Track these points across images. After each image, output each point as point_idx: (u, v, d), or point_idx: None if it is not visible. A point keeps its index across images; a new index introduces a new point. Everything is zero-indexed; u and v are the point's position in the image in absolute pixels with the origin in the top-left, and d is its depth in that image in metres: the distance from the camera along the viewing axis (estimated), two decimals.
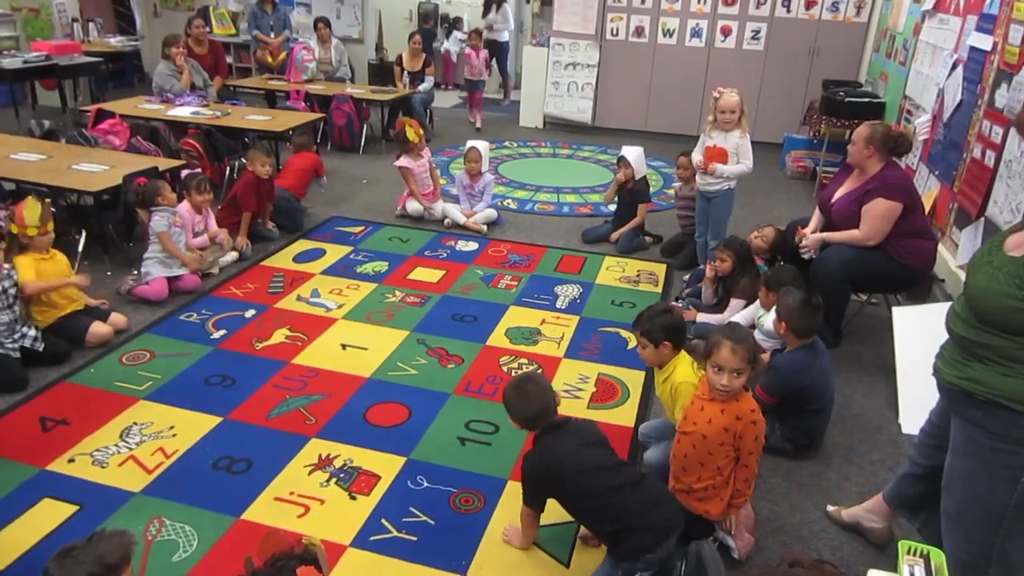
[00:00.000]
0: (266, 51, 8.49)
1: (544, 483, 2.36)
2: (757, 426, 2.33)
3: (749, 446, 2.34)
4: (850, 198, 3.86)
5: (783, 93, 8.25)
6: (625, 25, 8.54)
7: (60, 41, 8.47)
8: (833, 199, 3.98)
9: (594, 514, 2.34)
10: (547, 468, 2.33)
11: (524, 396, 2.37)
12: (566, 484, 2.31)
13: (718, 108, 4.39)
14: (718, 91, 4.43)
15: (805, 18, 8.06)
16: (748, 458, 2.37)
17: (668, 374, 2.69)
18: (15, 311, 3.44)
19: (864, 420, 3.42)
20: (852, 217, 3.82)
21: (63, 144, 5.37)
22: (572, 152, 8.11)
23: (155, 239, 4.25)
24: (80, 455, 2.93)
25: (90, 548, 1.78)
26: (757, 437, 2.34)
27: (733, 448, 2.35)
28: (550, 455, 2.34)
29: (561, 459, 2.31)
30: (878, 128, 3.74)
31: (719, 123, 4.42)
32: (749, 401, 2.36)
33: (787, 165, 7.59)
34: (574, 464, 2.30)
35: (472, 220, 5.49)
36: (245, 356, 3.68)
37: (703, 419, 2.37)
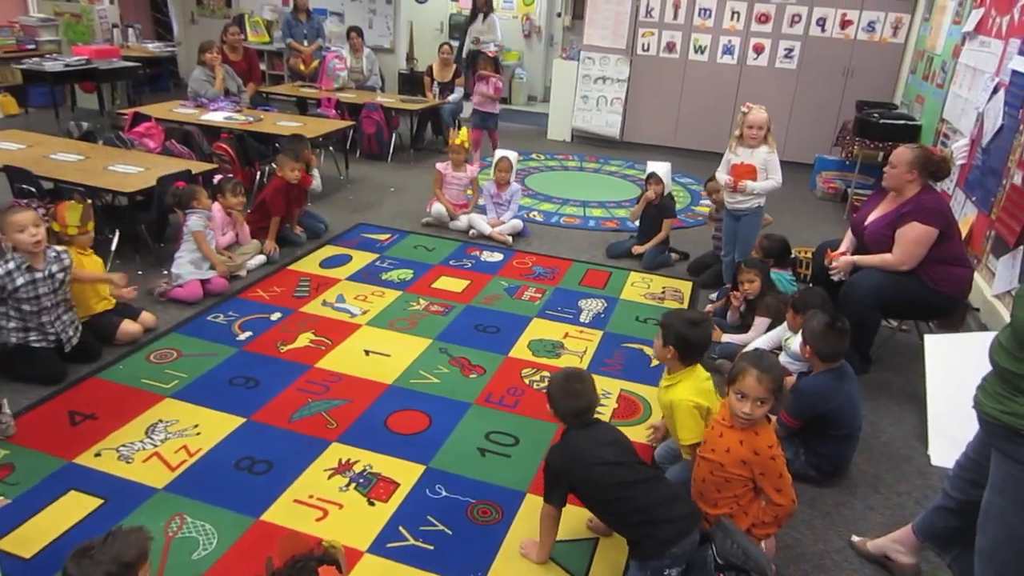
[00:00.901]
0: (299, 59, 8.60)
1: (563, 474, 2.36)
2: (777, 462, 2.30)
3: (774, 482, 2.31)
4: (884, 221, 3.81)
5: (815, 113, 8.20)
6: (656, 40, 8.55)
7: (100, 46, 8.65)
8: (866, 222, 3.93)
9: (612, 506, 2.34)
10: (568, 458, 2.35)
11: (573, 395, 2.39)
12: (584, 474, 2.33)
13: (746, 123, 4.36)
14: (747, 106, 4.41)
15: (840, 38, 8.01)
16: (776, 495, 2.33)
17: (671, 383, 2.67)
18: (63, 296, 3.44)
19: (892, 450, 3.35)
20: (885, 241, 3.77)
21: (100, 145, 5.47)
22: (599, 166, 8.11)
23: (189, 239, 4.32)
24: (106, 449, 2.97)
25: (107, 547, 1.80)
26: (781, 474, 2.31)
27: (751, 479, 2.33)
28: (572, 447, 2.37)
29: (582, 450, 2.34)
30: (921, 152, 3.68)
31: (745, 139, 4.39)
32: (768, 436, 2.33)
33: (817, 186, 7.53)
34: (593, 456, 2.33)
35: (498, 231, 5.51)
36: (269, 358, 3.72)
37: (721, 447, 2.36)
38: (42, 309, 3.35)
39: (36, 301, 3.31)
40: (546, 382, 3.58)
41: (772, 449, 2.31)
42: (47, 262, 3.33)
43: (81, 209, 3.57)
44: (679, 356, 2.62)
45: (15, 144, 5.25)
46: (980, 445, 2.19)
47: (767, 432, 2.34)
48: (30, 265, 3.27)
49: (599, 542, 2.63)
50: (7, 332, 3.34)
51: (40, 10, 9.19)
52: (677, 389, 2.63)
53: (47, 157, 4.95)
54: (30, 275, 3.27)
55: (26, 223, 3.21)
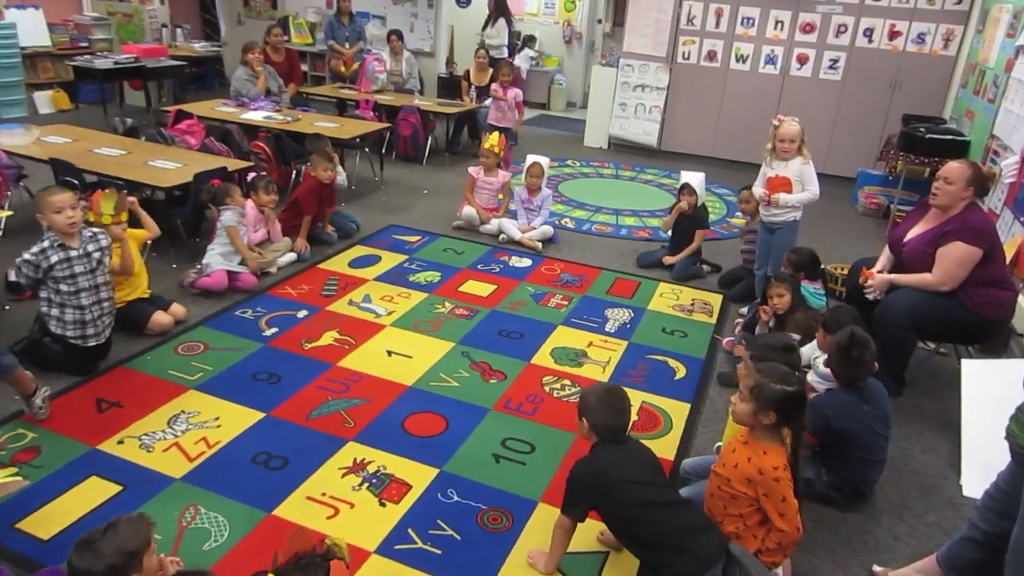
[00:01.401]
0: (340, 61, 8.71)
1: (589, 489, 2.30)
2: (781, 484, 2.22)
3: (777, 506, 2.24)
4: (924, 239, 3.69)
5: (859, 126, 8.03)
6: (697, 49, 8.47)
7: (149, 45, 8.87)
8: (905, 239, 3.81)
9: (634, 527, 2.29)
10: (596, 472, 2.31)
11: (615, 410, 2.36)
12: (610, 491, 2.28)
13: (777, 136, 4.29)
14: (778, 119, 4.34)
15: (888, 49, 7.83)
16: (778, 520, 2.24)
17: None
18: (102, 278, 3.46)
19: (921, 477, 3.24)
20: (925, 259, 3.65)
21: (142, 141, 5.60)
22: (635, 174, 8.05)
23: (221, 233, 4.40)
24: (129, 438, 3.03)
25: (109, 539, 1.81)
26: (785, 497, 2.23)
27: (756, 500, 2.27)
28: (601, 462, 2.33)
29: (610, 466, 2.30)
30: (975, 168, 3.55)
31: (777, 152, 4.33)
32: (776, 457, 2.25)
33: (859, 201, 7.36)
34: (621, 473, 2.29)
35: (527, 236, 5.49)
36: (293, 355, 3.75)
37: (731, 462, 2.31)
38: (80, 290, 3.37)
39: (72, 281, 3.34)
40: (566, 390, 3.60)
41: (777, 471, 2.23)
42: (82, 241, 3.38)
43: (116, 198, 3.65)
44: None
45: (62, 138, 5.40)
46: (1012, 476, 2.10)
47: (776, 454, 2.26)
48: (63, 243, 3.32)
49: (609, 556, 2.59)
50: (49, 319, 3.40)
51: (94, 9, 9.45)
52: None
53: (91, 151, 5.08)
54: (64, 253, 3.31)
55: (64, 204, 3.26)
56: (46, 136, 5.36)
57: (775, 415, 2.23)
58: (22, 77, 8.23)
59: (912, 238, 3.75)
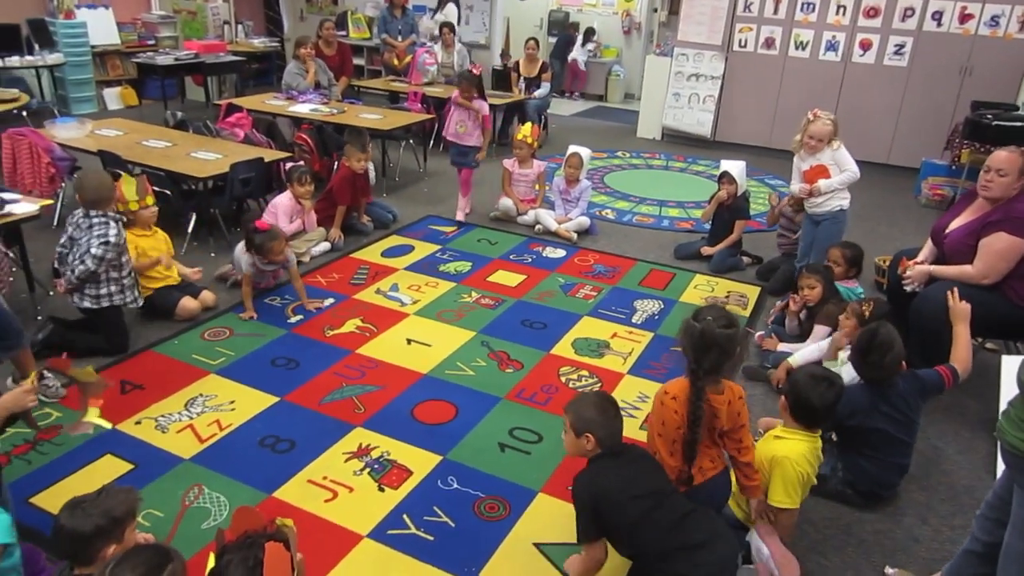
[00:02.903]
0: (392, 54, 8.79)
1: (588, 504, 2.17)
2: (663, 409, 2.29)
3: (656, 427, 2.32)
4: (967, 229, 3.47)
5: (925, 114, 7.63)
6: (754, 36, 8.20)
7: (209, 41, 9.15)
8: (948, 229, 3.60)
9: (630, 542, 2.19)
10: (595, 494, 2.16)
11: (616, 418, 2.23)
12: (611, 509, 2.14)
13: (807, 132, 4.14)
14: (814, 114, 4.18)
15: (958, 33, 7.41)
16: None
17: (782, 436, 2.46)
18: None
19: (952, 479, 3.05)
20: (967, 251, 3.44)
21: (190, 134, 5.77)
22: (686, 166, 7.87)
23: None
24: (146, 418, 3.13)
25: (99, 502, 1.88)
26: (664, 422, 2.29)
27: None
28: (603, 481, 2.17)
29: (612, 484, 2.16)
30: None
31: (805, 147, 4.16)
32: (672, 386, 2.31)
33: (922, 192, 7.00)
34: (624, 491, 2.15)
35: (564, 227, 5.42)
36: (314, 342, 3.80)
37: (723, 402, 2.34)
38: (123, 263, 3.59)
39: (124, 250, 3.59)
40: (583, 381, 3.53)
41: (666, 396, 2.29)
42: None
43: (136, 182, 3.76)
44: (790, 409, 2.44)
45: (115, 131, 5.62)
46: (1007, 480, 1.95)
47: (678, 385, 2.31)
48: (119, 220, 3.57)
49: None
50: (111, 296, 3.56)
51: (161, 8, 9.81)
52: (789, 445, 2.40)
53: (139, 143, 5.27)
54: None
55: None
56: (99, 129, 5.59)
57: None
58: (93, 74, 8.62)
59: (955, 229, 3.54)
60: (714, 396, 2.27)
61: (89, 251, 3.43)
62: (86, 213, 3.49)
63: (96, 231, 3.44)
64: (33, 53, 7.82)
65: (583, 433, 2.19)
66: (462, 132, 5.56)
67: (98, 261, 3.44)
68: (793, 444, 2.40)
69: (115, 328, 3.64)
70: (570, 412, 2.25)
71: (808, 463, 2.38)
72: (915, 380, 2.79)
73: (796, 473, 2.34)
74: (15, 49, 7.65)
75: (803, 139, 4.15)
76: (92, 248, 3.43)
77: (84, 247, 3.45)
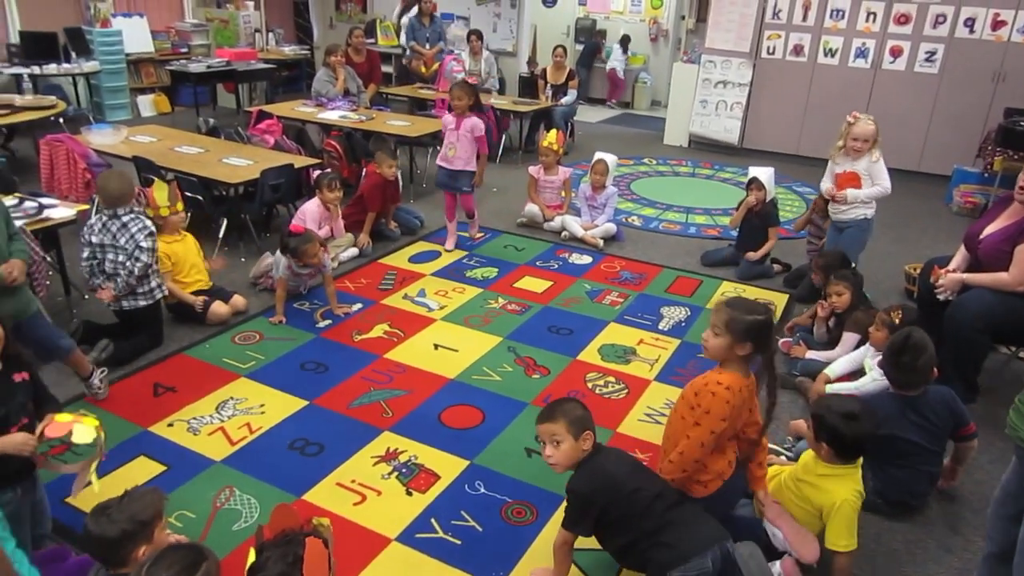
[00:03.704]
0: (420, 61, 8.86)
1: (594, 502, 2.22)
2: (715, 399, 2.22)
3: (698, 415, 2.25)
4: (1003, 235, 3.43)
5: (957, 121, 7.53)
6: (783, 43, 8.15)
7: (241, 49, 9.30)
8: (982, 236, 3.56)
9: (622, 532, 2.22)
10: (603, 487, 2.22)
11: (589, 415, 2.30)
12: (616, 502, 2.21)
13: (850, 135, 4.11)
14: (854, 116, 4.14)
15: (991, 39, 7.31)
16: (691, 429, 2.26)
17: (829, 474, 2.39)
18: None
19: (985, 489, 2.98)
20: (1002, 257, 3.39)
21: (221, 140, 5.87)
22: (713, 172, 7.83)
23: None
24: (178, 421, 3.18)
25: (124, 506, 1.90)
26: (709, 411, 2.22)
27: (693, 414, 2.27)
28: (607, 474, 2.24)
29: (614, 477, 2.24)
30: None
31: (848, 150, 4.12)
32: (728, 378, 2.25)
33: (954, 199, 6.91)
34: (627, 483, 2.23)
35: (590, 234, 5.42)
36: (342, 346, 3.84)
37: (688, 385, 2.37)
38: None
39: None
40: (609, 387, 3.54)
41: (719, 387, 2.23)
42: None
43: (167, 188, 3.83)
44: (834, 454, 2.37)
45: (148, 137, 5.73)
46: (1015, 476, 1.93)
47: (730, 377, 2.26)
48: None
49: None
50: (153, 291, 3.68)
51: (194, 16, 9.99)
52: (843, 486, 2.35)
53: (172, 149, 5.37)
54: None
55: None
56: (134, 136, 5.69)
57: (751, 345, 2.25)
58: (127, 82, 8.79)
59: (989, 235, 3.49)
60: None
61: (139, 246, 3.52)
62: (113, 214, 3.54)
63: (134, 227, 3.52)
64: (70, 61, 8.00)
65: (582, 432, 2.24)
66: (451, 155, 4.96)
67: (151, 253, 3.55)
68: (844, 483, 2.35)
69: (158, 321, 3.76)
70: (560, 417, 2.24)
71: (860, 495, 2.37)
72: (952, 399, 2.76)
73: (854, 512, 2.32)
74: (53, 57, 7.83)
75: (846, 143, 4.11)
76: (141, 243, 3.52)
77: (130, 246, 3.52)
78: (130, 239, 3.50)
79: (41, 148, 5.09)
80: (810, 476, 2.43)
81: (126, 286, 3.57)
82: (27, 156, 6.80)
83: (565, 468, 2.27)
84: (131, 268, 3.53)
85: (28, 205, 3.88)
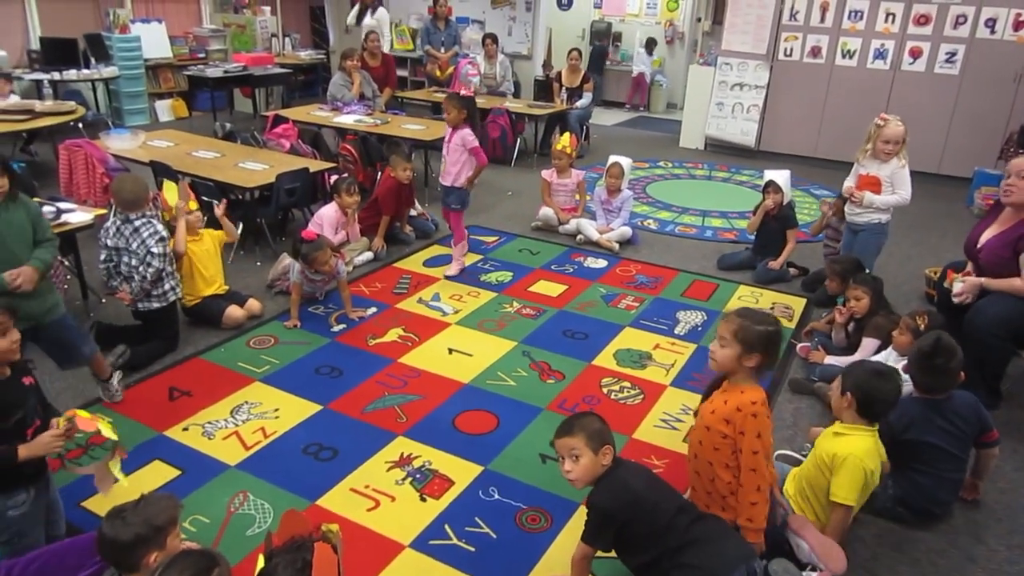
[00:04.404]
0: (435, 65, 8.87)
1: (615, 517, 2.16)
2: (758, 420, 2.19)
3: (752, 443, 2.19)
4: (1001, 241, 3.40)
5: (978, 123, 7.44)
6: (800, 45, 8.09)
7: (257, 53, 9.35)
8: (980, 243, 3.52)
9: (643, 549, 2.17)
10: (627, 501, 2.16)
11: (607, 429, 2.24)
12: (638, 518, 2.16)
13: (880, 137, 4.05)
14: (882, 118, 4.08)
15: (1012, 40, 7.22)
16: (751, 459, 2.20)
17: (843, 432, 2.45)
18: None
19: (1011, 497, 2.95)
20: (1005, 263, 3.36)
21: (238, 145, 5.89)
22: (729, 175, 7.78)
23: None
24: (193, 425, 3.18)
25: (139, 510, 1.89)
26: (760, 434, 2.20)
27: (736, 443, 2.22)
28: (631, 489, 2.18)
29: (640, 492, 2.18)
30: None
31: (877, 152, 4.07)
32: (754, 393, 2.23)
33: (975, 202, 6.81)
34: (650, 498, 2.18)
35: (605, 238, 5.40)
36: (357, 350, 3.83)
37: (707, 410, 2.29)
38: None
39: None
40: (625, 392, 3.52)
41: (755, 406, 2.21)
42: None
43: (177, 188, 3.84)
44: (858, 407, 2.43)
45: (166, 142, 5.76)
46: None
47: (753, 390, 2.25)
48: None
49: None
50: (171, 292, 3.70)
51: (212, 22, 10.06)
52: (852, 441, 2.41)
53: (189, 154, 5.40)
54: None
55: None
56: (152, 140, 5.73)
57: (759, 356, 2.23)
58: (145, 87, 8.86)
59: (988, 241, 3.46)
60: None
61: (151, 251, 3.53)
62: (126, 219, 3.56)
63: (145, 232, 3.53)
64: (90, 67, 8.08)
65: (602, 447, 2.19)
66: (442, 171, 4.71)
67: (162, 258, 3.56)
68: (858, 440, 2.40)
69: (174, 323, 3.78)
70: (579, 431, 2.20)
71: (872, 459, 2.38)
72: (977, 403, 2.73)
73: (863, 470, 2.33)
74: (73, 63, 7.91)
75: (875, 145, 4.05)
76: (152, 248, 3.54)
77: (142, 251, 3.54)
78: (141, 244, 3.52)
79: (60, 153, 5.14)
80: (826, 438, 2.49)
81: (140, 290, 3.59)
82: (47, 161, 6.88)
83: (585, 483, 2.21)
84: (144, 272, 3.54)
85: (46, 210, 3.90)
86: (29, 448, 2.11)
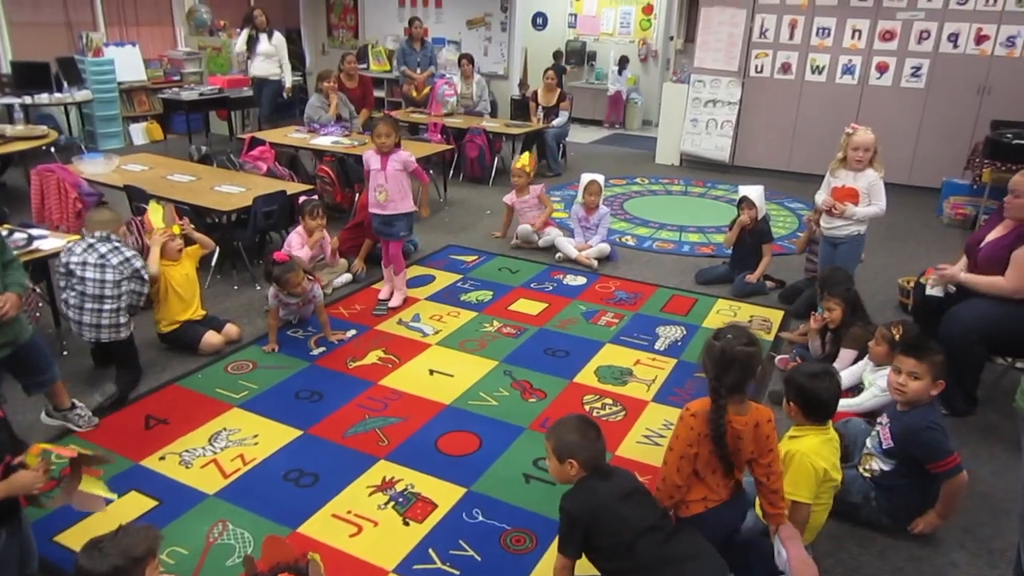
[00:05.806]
0: (412, 85, 8.90)
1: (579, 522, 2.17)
2: (682, 422, 2.29)
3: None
4: (1001, 242, 3.49)
5: (945, 134, 7.59)
6: (771, 61, 8.23)
7: (233, 76, 9.33)
8: (982, 243, 3.60)
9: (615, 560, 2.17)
10: (588, 507, 2.18)
11: (598, 438, 2.24)
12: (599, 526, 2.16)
13: (850, 145, 4.10)
14: (852, 127, 4.15)
15: (975, 54, 7.40)
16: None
17: (796, 435, 2.56)
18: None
19: (991, 501, 2.99)
20: (1000, 263, 3.44)
21: (214, 168, 5.86)
22: (705, 191, 7.86)
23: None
24: (171, 454, 3.13)
25: (117, 541, 1.86)
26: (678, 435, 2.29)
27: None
28: (595, 495, 2.19)
29: (603, 500, 2.18)
30: None
31: (849, 162, 4.13)
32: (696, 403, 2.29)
33: (944, 212, 6.94)
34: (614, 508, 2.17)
35: (584, 255, 5.42)
36: (337, 373, 3.81)
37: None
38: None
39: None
40: (607, 409, 3.51)
41: (686, 411, 2.28)
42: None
43: (163, 210, 3.80)
44: (801, 411, 2.53)
45: (140, 166, 5.71)
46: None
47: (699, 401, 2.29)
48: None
49: None
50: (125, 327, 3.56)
51: (187, 44, 10.02)
52: (802, 441, 2.51)
53: (164, 177, 5.35)
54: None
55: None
56: (126, 164, 5.68)
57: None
58: (119, 110, 8.80)
59: (988, 242, 3.54)
60: (736, 417, 2.25)
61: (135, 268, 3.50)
62: (89, 246, 3.45)
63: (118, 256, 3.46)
64: (62, 90, 8.00)
65: (566, 459, 2.20)
66: (382, 200, 4.38)
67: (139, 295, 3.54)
68: (805, 440, 2.49)
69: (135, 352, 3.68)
70: (551, 438, 2.26)
71: (821, 456, 2.43)
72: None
73: (809, 466, 2.40)
74: (45, 86, 7.83)
75: (846, 154, 4.11)
76: (135, 264, 3.50)
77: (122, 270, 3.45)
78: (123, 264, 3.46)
79: (32, 178, 5.07)
80: (783, 442, 2.55)
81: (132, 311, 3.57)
82: (17, 186, 6.80)
83: (560, 482, 2.29)
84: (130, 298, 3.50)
85: (17, 236, 3.84)
86: (8, 486, 2.05)
